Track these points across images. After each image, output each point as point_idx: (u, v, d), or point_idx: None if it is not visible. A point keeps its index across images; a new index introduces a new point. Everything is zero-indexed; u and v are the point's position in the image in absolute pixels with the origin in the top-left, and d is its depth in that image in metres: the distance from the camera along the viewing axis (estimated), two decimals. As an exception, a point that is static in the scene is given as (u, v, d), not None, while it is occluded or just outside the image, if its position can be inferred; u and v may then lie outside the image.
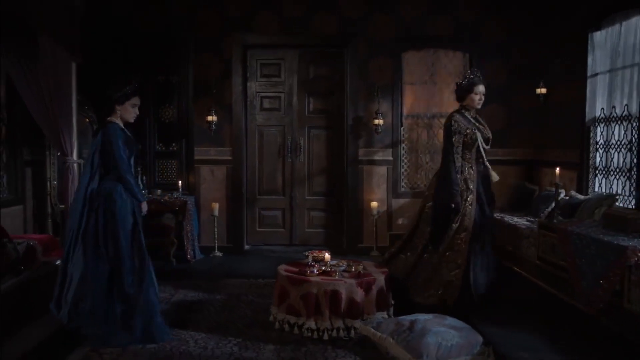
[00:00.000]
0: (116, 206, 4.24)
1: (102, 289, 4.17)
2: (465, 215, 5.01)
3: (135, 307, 4.16)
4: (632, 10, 5.68)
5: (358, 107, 7.75)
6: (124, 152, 4.31)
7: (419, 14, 7.73)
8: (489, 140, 5.26)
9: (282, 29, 7.73)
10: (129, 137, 4.47)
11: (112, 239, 4.22)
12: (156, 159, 7.84)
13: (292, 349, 4.10)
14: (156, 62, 7.69)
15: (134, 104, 4.47)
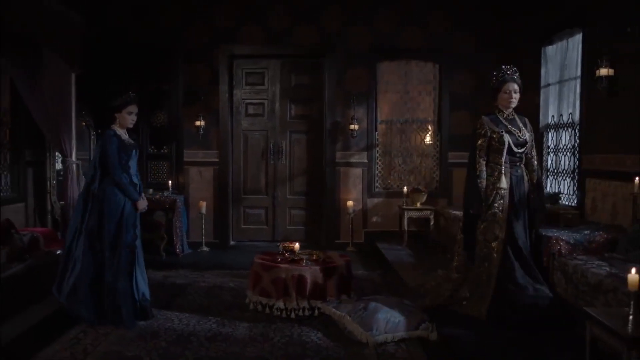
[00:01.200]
0: (106, 205, 4.69)
1: (90, 278, 4.67)
2: (495, 222, 4.61)
3: (114, 294, 4.66)
4: (577, 28, 6.33)
5: (336, 113, 8.38)
6: (118, 157, 4.71)
7: (392, 27, 8.36)
8: (524, 143, 4.67)
9: (266, 41, 8.36)
10: (125, 141, 4.86)
11: (102, 235, 4.70)
12: (148, 160, 8.45)
13: (263, 326, 4.70)
14: (149, 71, 8.31)
15: (130, 112, 4.86)
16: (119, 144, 4.79)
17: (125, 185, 4.75)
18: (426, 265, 6.65)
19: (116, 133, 4.84)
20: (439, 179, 8.56)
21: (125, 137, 4.91)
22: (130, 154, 4.87)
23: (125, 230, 4.74)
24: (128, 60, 8.19)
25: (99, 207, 4.72)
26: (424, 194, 8.02)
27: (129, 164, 4.84)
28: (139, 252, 4.86)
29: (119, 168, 4.73)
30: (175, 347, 4.19)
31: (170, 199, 7.81)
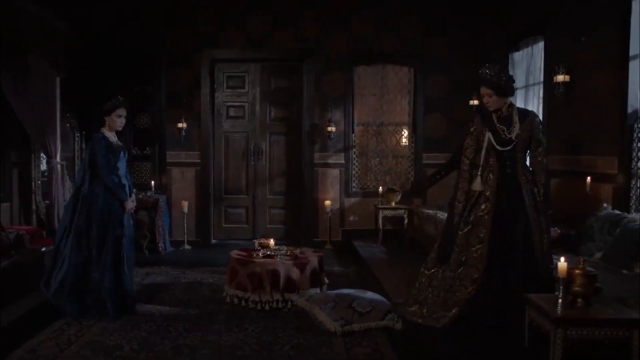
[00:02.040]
0: (94, 206, 4.91)
1: (76, 275, 4.90)
2: (479, 225, 4.40)
3: (99, 290, 4.87)
4: (539, 36, 6.67)
5: (314, 116, 8.67)
6: (106, 158, 4.91)
7: (369, 32, 8.67)
8: (509, 141, 4.34)
9: (247, 45, 8.64)
10: (113, 144, 5.05)
11: (90, 234, 4.92)
12: (132, 161, 8.64)
13: (239, 318, 4.96)
14: (133, 75, 8.54)
15: (119, 115, 5.05)
16: (107, 146, 4.97)
17: (114, 185, 4.94)
18: (398, 261, 6.97)
19: (105, 136, 5.02)
20: (414, 179, 8.88)
21: (113, 139, 5.09)
22: (119, 155, 5.04)
23: (112, 229, 4.94)
24: (112, 64, 8.41)
25: (88, 208, 4.92)
26: (399, 194, 8.33)
27: (118, 165, 5.02)
28: (127, 250, 5.04)
29: (107, 169, 4.91)
30: (155, 337, 4.44)
31: (153, 198, 8.04)
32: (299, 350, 4.23)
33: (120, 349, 4.18)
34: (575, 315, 2.93)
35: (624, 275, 3.93)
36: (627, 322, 2.92)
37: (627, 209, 4.88)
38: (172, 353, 4.13)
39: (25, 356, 4.03)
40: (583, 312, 2.96)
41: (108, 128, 5.08)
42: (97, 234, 4.92)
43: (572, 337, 2.89)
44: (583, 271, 3.01)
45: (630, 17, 4.96)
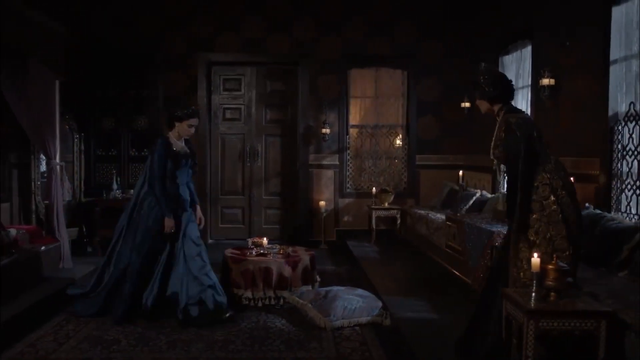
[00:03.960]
0: (142, 214, 4.87)
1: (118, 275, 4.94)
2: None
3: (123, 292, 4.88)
4: (527, 40, 6.83)
5: (309, 118, 8.83)
6: (163, 165, 4.79)
7: (363, 36, 8.84)
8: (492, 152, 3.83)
9: (243, 49, 8.80)
10: (177, 150, 4.89)
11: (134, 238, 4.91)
12: (130, 162, 8.84)
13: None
14: (130, 78, 8.69)
15: (191, 125, 4.95)
16: (168, 152, 4.82)
17: (160, 197, 4.79)
18: (390, 260, 7.13)
19: (167, 141, 4.88)
20: (407, 180, 9.04)
21: (179, 145, 4.94)
22: (180, 163, 4.89)
23: (149, 238, 4.85)
24: (110, 67, 8.57)
25: (141, 212, 4.88)
26: (391, 195, 8.49)
27: (177, 173, 4.88)
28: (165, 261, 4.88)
29: (158, 177, 4.78)
30: (151, 332, 4.59)
31: (151, 199, 8.18)
32: (290, 345, 4.39)
33: (117, 343, 4.34)
34: (546, 308, 3.09)
35: (600, 272, 4.09)
36: (595, 314, 3.08)
37: (608, 209, 5.03)
38: (167, 347, 4.29)
39: (25, 350, 4.19)
40: (555, 305, 3.11)
41: (176, 134, 4.94)
42: (140, 241, 4.85)
43: (543, 328, 3.05)
44: (556, 266, 3.17)
45: (611, 23, 5.12)
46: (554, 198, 3.48)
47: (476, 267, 5.50)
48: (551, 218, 3.47)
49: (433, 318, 4.84)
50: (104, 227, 7.90)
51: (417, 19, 8.85)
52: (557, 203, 3.47)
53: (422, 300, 5.31)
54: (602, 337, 3.04)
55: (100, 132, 8.74)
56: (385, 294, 5.43)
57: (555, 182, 3.51)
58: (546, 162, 3.56)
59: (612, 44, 5.13)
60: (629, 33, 4.99)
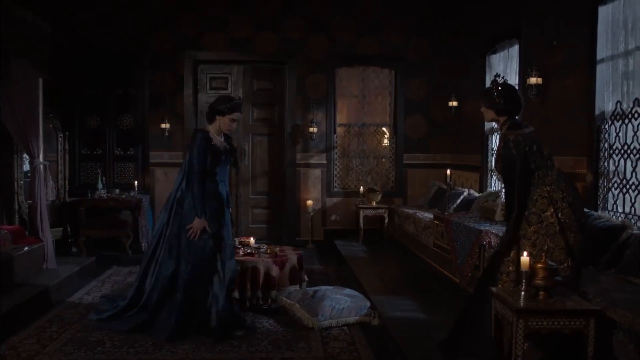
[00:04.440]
0: (183, 215, 4.51)
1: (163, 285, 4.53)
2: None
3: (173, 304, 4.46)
4: (514, 39, 6.84)
5: (296, 117, 8.79)
6: (202, 161, 4.43)
7: (350, 35, 8.81)
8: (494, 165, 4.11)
9: (230, 47, 8.74)
10: (217, 145, 4.53)
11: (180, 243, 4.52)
12: (115, 162, 8.75)
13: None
14: (116, 76, 8.62)
15: (233, 119, 4.57)
16: (208, 147, 4.48)
17: (197, 194, 4.42)
18: (378, 260, 7.12)
19: (207, 135, 4.53)
20: (395, 179, 9.03)
21: (218, 140, 4.59)
22: (220, 159, 4.55)
23: (203, 239, 4.48)
24: (95, 65, 8.49)
25: (181, 213, 4.52)
26: (379, 194, 8.48)
27: (216, 170, 4.54)
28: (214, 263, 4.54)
29: (197, 173, 4.43)
30: (136, 333, 4.52)
31: (136, 198, 8.11)
32: (277, 345, 4.35)
33: (101, 345, 4.28)
34: (536, 307, 3.08)
35: (588, 271, 4.09)
36: (584, 313, 3.07)
37: (595, 207, 5.05)
38: (153, 348, 4.23)
39: (7, 353, 4.12)
40: (544, 304, 3.10)
41: (217, 128, 4.59)
42: (185, 245, 4.50)
43: (533, 327, 3.04)
44: (545, 265, 3.16)
45: (598, 23, 5.13)
46: (552, 210, 3.50)
47: (464, 266, 5.51)
48: (549, 230, 3.49)
49: (421, 317, 4.82)
50: (89, 227, 7.84)
51: (405, 19, 8.84)
52: (555, 215, 3.50)
53: (411, 299, 5.29)
54: (591, 336, 3.04)
55: (85, 131, 8.64)
56: (373, 294, 5.41)
57: (555, 195, 3.53)
58: (546, 175, 3.58)
59: (598, 43, 5.14)
60: (616, 32, 5.00)
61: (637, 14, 4.72)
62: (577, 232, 3.49)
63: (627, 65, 4.84)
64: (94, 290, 5.90)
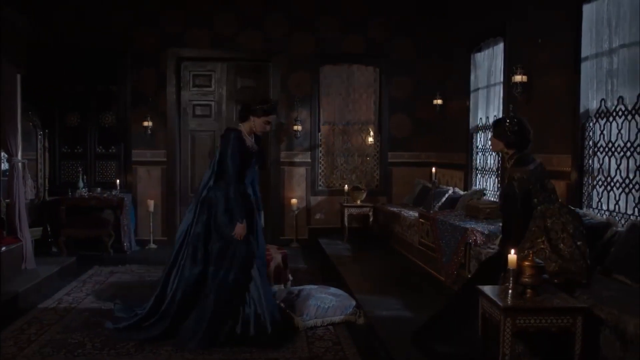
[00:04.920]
0: (214, 214, 4.32)
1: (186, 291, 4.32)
2: None
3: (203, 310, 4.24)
4: (499, 37, 6.84)
5: (280, 115, 8.68)
6: (237, 164, 4.25)
7: (334, 33, 8.76)
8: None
9: (213, 45, 8.64)
10: (249, 147, 4.39)
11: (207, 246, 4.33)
12: (96, 160, 8.62)
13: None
14: (97, 73, 8.48)
15: (268, 121, 4.40)
16: (241, 148, 4.31)
17: (234, 200, 4.23)
18: (363, 258, 7.09)
19: (241, 136, 4.36)
20: (379, 177, 9.01)
21: (250, 142, 4.43)
22: (251, 162, 4.40)
23: (236, 246, 4.27)
24: (76, 62, 8.36)
25: (207, 215, 4.32)
26: (364, 192, 8.44)
27: (246, 172, 4.38)
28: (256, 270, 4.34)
29: (234, 176, 4.24)
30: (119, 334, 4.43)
31: (118, 197, 7.99)
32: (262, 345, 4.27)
33: (82, 347, 4.18)
34: (523, 305, 3.05)
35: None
36: (571, 310, 3.05)
37: (579, 205, 5.05)
38: (135, 350, 4.15)
39: (-16, 355, 4.01)
40: (531, 302, 3.08)
41: (248, 129, 4.41)
42: (217, 249, 4.29)
43: (520, 326, 3.01)
44: (532, 263, 3.14)
45: (582, 21, 5.13)
46: (544, 238, 3.66)
47: (449, 264, 5.49)
48: (538, 255, 3.58)
49: (407, 316, 4.79)
50: (70, 227, 7.70)
51: (389, 16, 8.81)
52: (547, 242, 3.65)
53: (396, 298, 5.26)
54: (578, 334, 3.02)
55: (65, 129, 8.50)
56: (358, 293, 5.36)
57: (556, 226, 3.68)
58: (548, 208, 3.74)
59: (583, 41, 5.14)
60: (600, 30, 5.01)
61: (621, 12, 4.73)
62: (580, 260, 3.60)
63: (612, 63, 4.84)
64: (74, 291, 5.78)
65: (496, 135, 3.95)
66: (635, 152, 4.56)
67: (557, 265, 3.57)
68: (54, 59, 8.20)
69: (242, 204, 4.26)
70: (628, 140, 4.64)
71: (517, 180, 3.71)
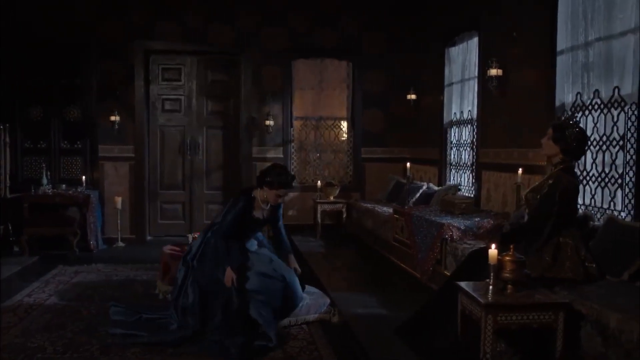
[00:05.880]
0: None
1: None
2: None
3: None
4: (474, 31, 6.78)
5: (252, 109, 8.55)
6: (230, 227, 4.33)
7: (307, 26, 8.62)
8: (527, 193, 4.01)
9: (183, 37, 8.41)
10: (255, 218, 4.44)
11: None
12: (61, 155, 8.32)
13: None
14: (62, 65, 8.18)
15: (279, 195, 4.38)
16: (245, 217, 4.39)
17: (221, 249, 4.33)
18: (336, 255, 6.98)
19: (250, 204, 4.41)
20: (353, 173, 8.90)
21: (260, 211, 4.46)
22: (255, 229, 4.55)
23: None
24: (38, 54, 8.05)
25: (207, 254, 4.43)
26: (337, 188, 8.33)
27: (249, 233, 4.53)
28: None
29: (221, 234, 4.34)
30: (82, 337, 4.23)
31: (84, 194, 7.72)
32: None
33: (42, 351, 3.96)
34: (505, 301, 2.97)
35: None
36: (553, 306, 2.98)
37: (555, 200, 5.01)
38: (100, 353, 3.95)
39: (-64, 361, 3.77)
40: (512, 298, 2.99)
41: (263, 197, 4.40)
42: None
43: (502, 323, 2.92)
44: (513, 258, 3.05)
45: (557, 14, 5.09)
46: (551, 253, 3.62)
47: (425, 260, 5.40)
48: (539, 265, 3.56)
49: (383, 313, 4.70)
50: (33, 225, 7.40)
51: (362, 10, 8.71)
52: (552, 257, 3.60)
53: (371, 295, 5.16)
54: (560, 329, 2.95)
55: (27, 123, 8.18)
56: (333, 290, 5.25)
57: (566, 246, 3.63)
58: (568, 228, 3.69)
59: (558, 34, 5.11)
60: (575, 23, 4.97)
61: (596, 5, 4.69)
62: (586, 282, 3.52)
63: (587, 56, 4.81)
64: (35, 292, 5.52)
65: (555, 139, 3.77)
66: (611, 146, 4.53)
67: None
68: (14, 50, 7.87)
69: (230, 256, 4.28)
70: (604, 134, 4.61)
71: (563, 189, 3.63)
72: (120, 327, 4.38)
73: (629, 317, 2.83)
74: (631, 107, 4.28)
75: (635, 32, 4.24)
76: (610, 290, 3.34)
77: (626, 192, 4.35)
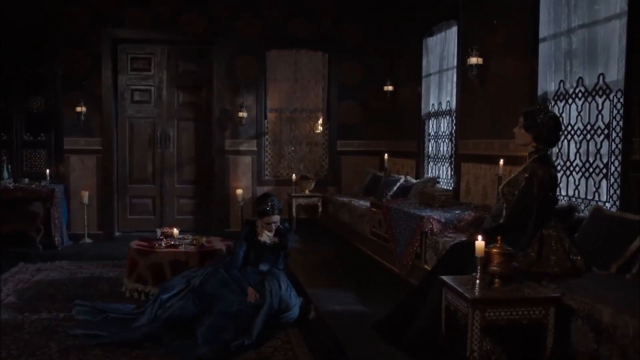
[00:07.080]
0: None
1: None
2: None
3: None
4: (453, 20, 6.62)
5: (225, 101, 8.28)
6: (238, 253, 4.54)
7: (281, 17, 8.37)
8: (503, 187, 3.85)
9: (152, 25, 8.10)
10: (261, 242, 4.61)
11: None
12: (24, 148, 7.94)
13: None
14: (24, 54, 7.79)
15: (267, 222, 4.59)
16: (249, 241, 4.58)
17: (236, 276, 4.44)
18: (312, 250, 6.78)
19: (253, 229, 4.64)
20: (328, 167, 8.70)
21: (266, 236, 4.62)
22: (263, 254, 4.62)
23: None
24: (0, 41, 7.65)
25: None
26: (312, 182, 8.12)
27: (259, 262, 4.61)
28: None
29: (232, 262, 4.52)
30: (40, 339, 3.95)
31: (48, 188, 7.37)
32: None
33: (-5, 355, 3.68)
34: (493, 296, 2.79)
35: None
36: (543, 301, 2.81)
37: (538, 191, 4.87)
38: (59, 355, 3.69)
39: None
40: (500, 292, 2.82)
41: (261, 224, 4.64)
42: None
43: (490, 319, 2.74)
44: (501, 250, 2.87)
45: (540, 0, 4.95)
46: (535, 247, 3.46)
47: (404, 255, 5.22)
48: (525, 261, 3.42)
49: (360, 310, 4.52)
50: (-7, 221, 7.04)
51: (337, 1, 8.48)
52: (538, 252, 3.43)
53: (348, 291, 4.97)
54: (551, 325, 2.78)
55: (-14, 114, 7.78)
56: (308, 287, 5.05)
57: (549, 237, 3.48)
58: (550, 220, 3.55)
59: (540, 21, 4.96)
60: (558, 10, 4.84)
61: (580, -9, 4.55)
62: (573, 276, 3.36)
63: (570, 43, 4.68)
64: (-7, 291, 5.21)
65: (527, 127, 3.66)
66: (596, 135, 4.40)
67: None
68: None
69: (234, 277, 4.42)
70: (588, 123, 4.47)
71: (539, 180, 3.49)
72: (82, 327, 4.11)
73: (622, 311, 2.68)
74: (617, 94, 4.14)
75: (621, 17, 4.11)
76: (599, 284, 3.19)
77: (611, 182, 4.22)
